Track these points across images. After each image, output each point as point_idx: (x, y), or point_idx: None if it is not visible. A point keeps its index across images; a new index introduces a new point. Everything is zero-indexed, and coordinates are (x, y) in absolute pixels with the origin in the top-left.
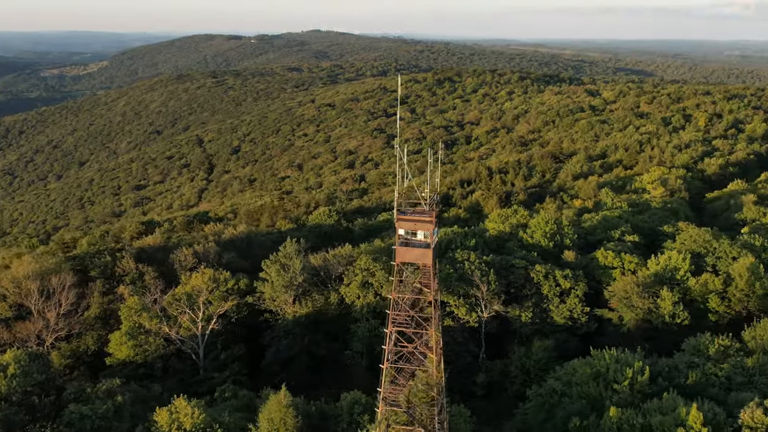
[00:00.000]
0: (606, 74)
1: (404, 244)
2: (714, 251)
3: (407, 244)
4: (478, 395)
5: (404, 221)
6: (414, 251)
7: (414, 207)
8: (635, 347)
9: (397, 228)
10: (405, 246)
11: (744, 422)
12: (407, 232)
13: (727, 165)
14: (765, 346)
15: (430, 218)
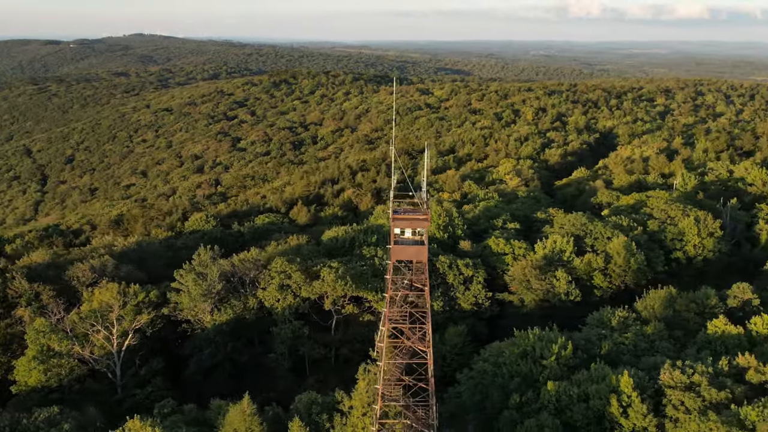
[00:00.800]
0: (428, 74)
1: (399, 242)
2: (591, 233)
3: (402, 242)
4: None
5: (400, 220)
6: (410, 249)
7: (400, 206)
8: (535, 326)
9: (392, 227)
10: (400, 244)
11: (664, 382)
12: (402, 230)
13: (566, 155)
14: (657, 315)
15: (425, 216)
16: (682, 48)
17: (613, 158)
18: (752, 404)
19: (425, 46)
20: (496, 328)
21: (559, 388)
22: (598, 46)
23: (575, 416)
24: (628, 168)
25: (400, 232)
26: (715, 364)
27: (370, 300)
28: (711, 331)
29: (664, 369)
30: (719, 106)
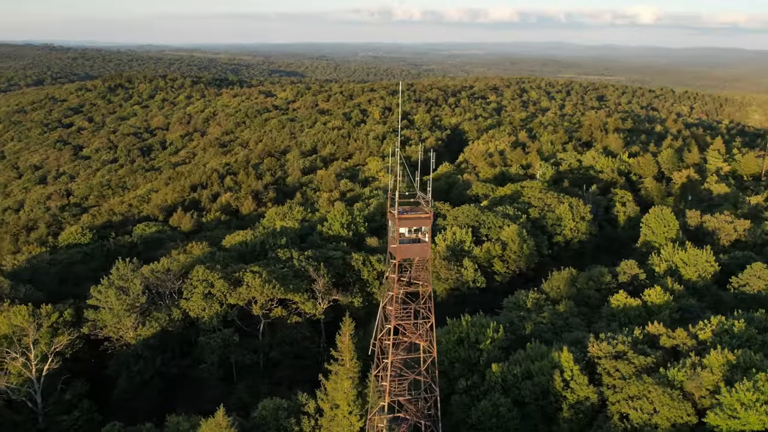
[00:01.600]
0: (263, 76)
1: (404, 242)
2: (484, 223)
3: (406, 241)
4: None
5: (406, 220)
6: (414, 247)
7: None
8: (448, 314)
9: (398, 227)
10: (406, 243)
11: (593, 354)
12: (410, 230)
13: (425, 151)
14: (563, 294)
15: (428, 215)
16: (497, 49)
17: (470, 153)
18: (675, 366)
19: (257, 48)
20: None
21: (504, 369)
22: (422, 48)
23: (523, 393)
24: (489, 161)
25: (407, 232)
26: (631, 333)
27: (297, 302)
28: (614, 305)
29: (591, 342)
30: (543, 101)
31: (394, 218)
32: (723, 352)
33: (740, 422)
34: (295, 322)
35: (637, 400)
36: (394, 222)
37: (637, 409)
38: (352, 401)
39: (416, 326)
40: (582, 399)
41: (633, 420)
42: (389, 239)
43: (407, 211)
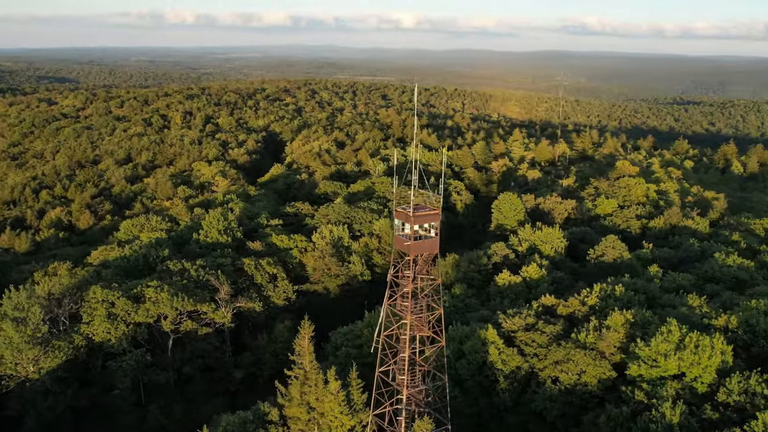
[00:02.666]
0: (30, 83)
1: (417, 238)
2: (355, 219)
3: (416, 238)
4: (235, 390)
5: (419, 217)
6: (425, 243)
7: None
8: (344, 308)
9: (412, 225)
10: (418, 240)
11: (507, 329)
12: (421, 227)
13: (248, 153)
14: (452, 278)
15: (437, 212)
16: (273, 52)
17: (297, 153)
18: (582, 330)
19: (19, 54)
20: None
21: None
22: (197, 51)
23: (460, 372)
24: (322, 160)
25: (419, 229)
26: (530, 307)
27: (206, 312)
28: (500, 283)
29: (502, 318)
30: (336, 101)
31: (407, 217)
32: (623, 313)
33: (661, 369)
34: (205, 334)
35: (564, 364)
36: (407, 221)
37: (566, 372)
38: (342, 401)
39: (421, 319)
40: (514, 369)
41: (564, 382)
42: (396, 238)
43: (420, 209)
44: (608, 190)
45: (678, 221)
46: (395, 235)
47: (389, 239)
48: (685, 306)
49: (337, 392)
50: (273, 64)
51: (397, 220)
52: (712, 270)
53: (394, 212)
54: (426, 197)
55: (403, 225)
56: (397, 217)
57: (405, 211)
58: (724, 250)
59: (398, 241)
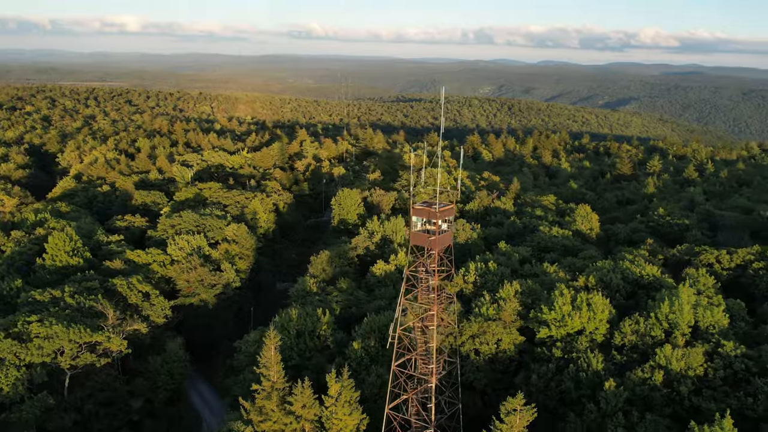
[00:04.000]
0: None
1: (440, 233)
2: (209, 227)
3: (441, 232)
4: (138, 420)
5: (444, 212)
6: (445, 237)
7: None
8: (221, 318)
9: (437, 221)
10: (442, 234)
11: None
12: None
13: (20, 168)
14: (329, 273)
15: (452, 205)
16: None
17: (84, 164)
18: (482, 304)
19: None
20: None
21: (363, 344)
22: None
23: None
24: (119, 169)
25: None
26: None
27: (101, 342)
28: (378, 273)
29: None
30: (82, 109)
31: (431, 213)
32: (513, 285)
33: (568, 328)
34: (105, 365)
35: (481, 336)
36: (431, 217)
37: (486, 343)
38: (345, 402)
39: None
40: (439, 347)
41: (485, 353)
42: (415, 235)
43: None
44: (417, 180)
45: (489, 203)
46: (413, 232)
47: (248, 243)
48: (542, 273)
49: (339, 394)
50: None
51: (415, 217)
52: (544, 241)
53: (413, 209)
54: (443, 189)
55: (424, 222)
56: (416, 214)
57: (428, 208)
58: (543, 224)
59: (419, 238)
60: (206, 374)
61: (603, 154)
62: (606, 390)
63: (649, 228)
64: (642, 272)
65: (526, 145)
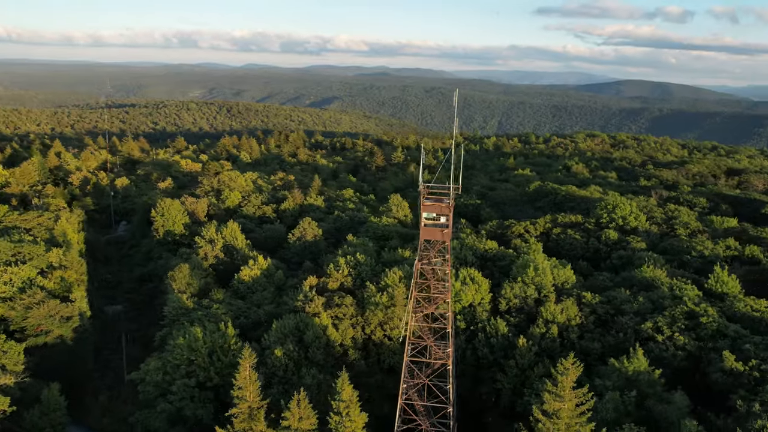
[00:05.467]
0: None
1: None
2: (26, 254)
3: (433, 225)
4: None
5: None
6: (450, 230)
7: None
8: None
9: (450, 214)
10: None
11: (311, 311)
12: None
13: None
14: (196, 287)
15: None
16: None
17: None
18: (374, 294)
19: None
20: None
21: (287, 350)
22: None
23: (316, 357)
24: None
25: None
26: (301, 291)
27: None
28: (247, 279)
29: (299, 304)
30: None
31: (442, 208)
32: (395, 271)
33: (464, 301)
34: None
35: (390, 322)
36: (442, 212)
37: (396, 328)
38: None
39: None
40: (354, 338)
41: (396, 337)
42: (426, 230)
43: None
44: (220, 186)
45: (302, 201)
46: (423, 227)
47: (82, 268)
48: (404, 259)
49: (351, 399)
50: None
51: (426, 213)
52: (379, 230)
53: (423, 206)
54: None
55: (436, 216)
56: (427, 210)
57: (439, 203)
58: (375, 217)
59: (432, 233)
60: (76, 417)
61: (340, 150)
62: (520, 347)
63: None
64: (485, 247)
65: (282, 146)
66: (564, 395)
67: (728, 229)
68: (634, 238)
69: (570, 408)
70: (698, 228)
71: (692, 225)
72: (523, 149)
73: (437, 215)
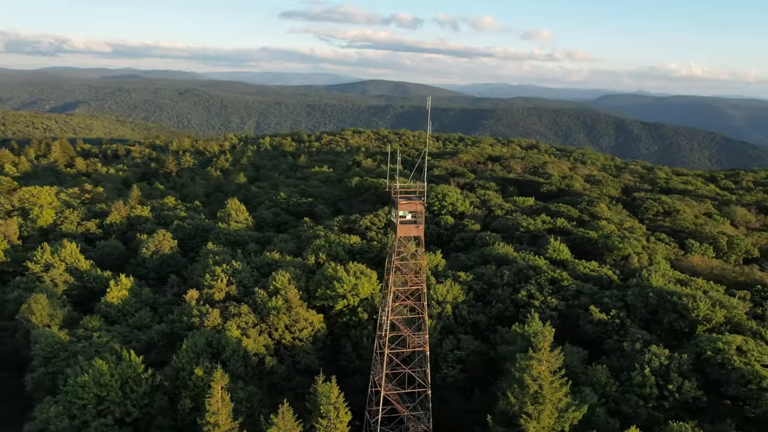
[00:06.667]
0: None
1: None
2: None
3: (406, 222)
4: None
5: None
6: (421, 226)
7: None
8: None
9: (423, 210)
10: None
11: (210, 324)
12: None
13: None
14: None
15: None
16: None
17: None
18: (267, 301)
19: None
20: None
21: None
22: None
23: (236, 368)
24: None
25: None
26: (187, 305)
27: None
28: (116, 302)
29: (196, 320)
30: None
31: (416, 205)
32: (282, 274)
33: (361, 294)
34: None
35: (296, 324)
36: (416, 208)
37: (304, 329)
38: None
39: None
40: (267, 345)
41: (306, 336)
42: (402, 227)
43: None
44: (23, 203)
45: (128, 213)
46: (399, 224)
47: None
48: (276, 261)
49: (339, 401)
50: None
51: (402, 210)
52: (232, 236)
53: (400, 204)
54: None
55: (410, 214)
56: (403, 208)
57: (414, 201)
58: (222, 223)
59: (407, 229)
60: None
61: (113, 157)
62: (430, 326)
63: (285, 210)
64: (350, 242)
65: (48, 156)
66: (543, 358)
67: (531, 206)
68: (469, 221)
69: (548, 370)
70: (510, 208)
71: (505, 206)
72: (300, 147)
73: (412, 213)
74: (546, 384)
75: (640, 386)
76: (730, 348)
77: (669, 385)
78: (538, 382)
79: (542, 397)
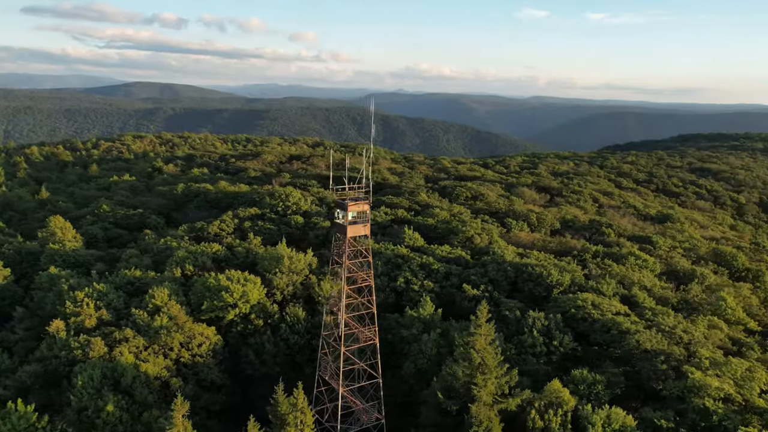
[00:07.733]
0: None
1: (353, 222)
2: None
3: (354, 222)
4: None
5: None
6: (367, 224)
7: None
8: None
9: (369, 210)
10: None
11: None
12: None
13: None
14: None
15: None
16: None
17: None
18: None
19: None
20: None
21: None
22: None
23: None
24: None
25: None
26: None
27: None
28: (61, 334)
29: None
30: None
31: (363, 205)
32: (161, 289)
33: (252, 300)
34: None
35: (193, 341)
36: (362, 208)
37: (202, 344)
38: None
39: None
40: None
41: (205, 352)
42: (351, 228)
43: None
44: None
45: None
46: (349, 225)
47: None
48: (144, 277)
49: (305, 406)
50: None
51: (351, 212)
52: (60, 256)
53: (349, 206)
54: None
55: (357, 215)
56: (352, 209)
57: (361, 203)
58: (54, 244)
59: (355, 229)
60: None
61: None
62: (327, 323)
63: (113, 224)
64: (212, 250)
65: None
66: (482, 332)
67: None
68: (318, 218)
69: (485, 342)
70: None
71: (330, 198)
72: (78, 156)
73: (360, 213)
74: (488, 355)
75: (532, 346)
76: (587, 304)
77: (554, 341)
78: (481, 354)
79: (486, 366)
